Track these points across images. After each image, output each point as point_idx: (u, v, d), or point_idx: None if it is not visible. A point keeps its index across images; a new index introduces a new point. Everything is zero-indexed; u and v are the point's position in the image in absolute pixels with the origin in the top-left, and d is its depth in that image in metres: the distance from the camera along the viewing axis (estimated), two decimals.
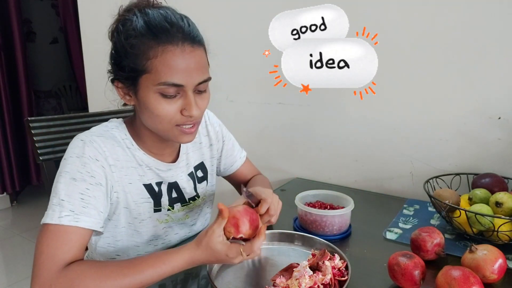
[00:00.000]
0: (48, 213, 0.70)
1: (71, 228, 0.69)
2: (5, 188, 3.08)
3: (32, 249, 2.43)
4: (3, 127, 3.01)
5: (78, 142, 0.76)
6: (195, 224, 0.99)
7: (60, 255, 0.67)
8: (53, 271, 0.66)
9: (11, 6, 3.00)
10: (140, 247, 0.88)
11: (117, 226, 0.84)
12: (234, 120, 1.62)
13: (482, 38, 1.08)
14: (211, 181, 1.03)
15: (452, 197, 0.93)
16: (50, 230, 0.69)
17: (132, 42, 0.73)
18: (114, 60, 0.78)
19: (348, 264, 0.74)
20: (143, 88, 0.75)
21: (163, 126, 0.77)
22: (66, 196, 0.71)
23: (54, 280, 0.65)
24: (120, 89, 0.80)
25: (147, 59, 0.72)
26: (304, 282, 0.66)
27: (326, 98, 1.38)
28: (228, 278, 0.76)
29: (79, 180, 0.73)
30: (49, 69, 4.36)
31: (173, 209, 0.91)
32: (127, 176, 0.82)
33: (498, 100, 1.09)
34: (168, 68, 0.72)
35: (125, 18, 0.76)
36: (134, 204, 0.83)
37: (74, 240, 0.69)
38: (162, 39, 0.72)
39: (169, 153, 0.91)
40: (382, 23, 1.22)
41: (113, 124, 0.85)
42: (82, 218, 0.70)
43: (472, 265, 0.71)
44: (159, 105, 0.74)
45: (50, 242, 0.68)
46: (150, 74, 0.73)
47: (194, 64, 0.74)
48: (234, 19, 1.52)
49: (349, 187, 1.38)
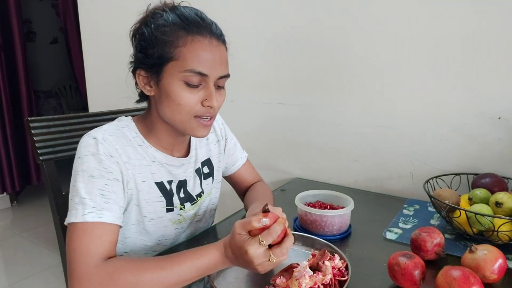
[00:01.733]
0: (72, 212, 0.71)
1: (97, 224, 0.70)
2: (5, 188, 3.08)
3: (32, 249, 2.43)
4: (3, 127, 3.01)
5: (91, 140, 0.77)
6: (201, 221, 0.99)
7: (94, 250, 0.68)
8: (90, 265, 0.67)
9: (11, 6, 3.00)
10: (148, 245, 0.88)
11: (127, 223, 0.85)
12: (234, 120, 1.62)
13: (482, 38, 1.08)
14: (217, 177, 1.03)
15: (452, 197, 0.93)
16: (78, 227, 0.70)
17: (163, 30, 0.76)
18: (140, 48, 0.79)
19: (348, 264, 0.74)
20: (168, 76, 0.77)
21: (182, 117, 0.79)
22: (87, 194, 0.72)
23: (92, 273, 0.66)
24: (142, 77, 0.81)
25: (176, 47, 0.75)
26: (304, 282, 0.66)
27: (326, 98, 1.38)
28: (229, 279, 0.76)
29: (97, 177, 0.73)
30: (49, 69, 4.36)
31: (184, 208, 0.91)
32: (140, 174, 0.83)
33: (498, 100, 1.09)
34: (196, 56, 0.75)
35: (155, 12, 0.80)
36: (145, 203, 0.84)
37: (103, 235, 0.70)
38: (192, 30, 0.76)
39: (179, 149, 0.92)
40: (382, 24, 1.22)
41: (123, 123, 0.86)
42: (105, 213, 0.71)
43: (472, 265, 0.71)
44: (182, 93, 0.76)
45: (81, 239, 0.69)
46: (177, 61, 0.75)
47: (219, 58, 0.79)
48: (234, 19, 1.52)
49: (349, 187, 1.38)
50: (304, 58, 1.40)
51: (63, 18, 3.63)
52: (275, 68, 1.47)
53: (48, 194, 1.01)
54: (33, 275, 2.19)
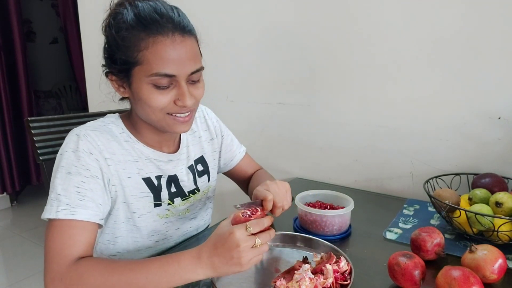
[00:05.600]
0: (47, 208, 0.72)
1: (72, 223, 0.70)
2: (5, 188, 3.08)
3: (32, 249, 2.43)
4: (3, 127, 3.01)
5: (73, 136, 0.77)
6: (196, 218, 0.99)
7: (67, 250, 0.69)
8: (62, 266, 0.67)
9: (11, 6, 3.00)
10: (140, 242, 0.88)
11: (116, 222, 0.84)
12: (234, 120, 1.62)
13: (482, 38, 1.08)
14: (213, 175, 1.03)
15: (452, 197, 0.93)
16: (54, 225, 0.71)
17: (123, 35, 0.74)
18: (107, 54, 0.79)
19: (352, 268, 0.73)
20: (136, 80, 0.76)
21: (156, 116, 0.78)
22: (62, 190, 0.72)
23: (64, 274, 0.67)
24: (114, 81, 0.81)
25: (139, 51, 0.73)
26: (304, 285, 0.65)
27: (326, 98, 1.38)
28: (230, 280, 0.76)
29: (74, 174, 0.73)
30: (49, 69, 4.36)
31: (173, 204, 0.91)
32: (125, 170, 0.82)
33: (498, 100, 1.09)
34: (159, 59, 0.73)
35: (116, 11, 0.77)
36: (132, 198, 0.83)
37: (77, 235, 0.70)
38: (152, 30, 0.73)
39: (167, 145, 0.91)
40: (382, 24, 1.22)
41: (110, 119, 0.86)
42: (78, 210, 0.71)
43: (472, 265, 0.71)
44: (152, 96, 0.75)
45: (56, 237, 0.70)
46: (142, 66, 0.74)
47: (185, 54, 0.75)
48: (235, 19, 1.52)
49: (349, 187, 1.38)
50: (304, 58, 1.40)
51: (63, 18, 3.63)
52: (275, 68, 1.47)
53: (48, 194, 1.01)
54: (33, 275, 2.19)
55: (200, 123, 1.03)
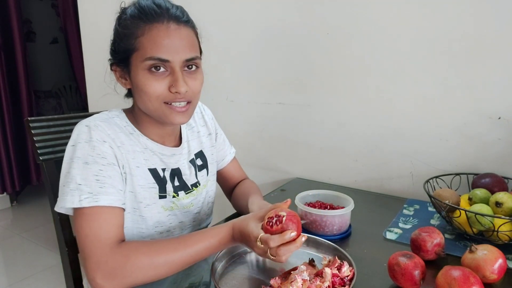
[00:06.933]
0: (67, 198, 0.73)
1: (99, 209, 0.73)
2: (5, 188, 3.08)
3: (32, 249, 2.42)
4: (3, 127, 3.01)
5: (83, 127, 0.79)
6: (199, 213, 1.00)
7: (105, 234, 0.71)
8: (105, 249, 0.69)
9: (11, 6, 3.00)
10: (145, 233, 0.89)
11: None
12: (234, 120, 1.62)
13: (482, 38, 1.08)
14: (211, 170, 1.05)
15: (452, 197, 0.93)
16: (84, 213, 0.72)
17: (124, 24, 0.79)
18: (112, 46, 0.84)
19: (355, 274, 0.71)
20: (134, 67, 0.79)
21: (152, 105, 0.80)
22: (82, 180, 0.74)
23: (109, 256, 0.69)
24: (117, 72, 0.84)
25: (136, 38, 0.77)
26: (295, 286, 0.65)
27: (326, 98, 1.38)
28: (232, 280, 0.76)
29: (91, 163, 0.75)
30: (49, 69, 4.36)
31: (178, 196, 0.92)
32: (134, 160, 0.84)
33: (498, 100, 1.09)
34: (154, 43, 0.76)
35: (123, 9, 0.83)
36: (139, 188, 0.85)
37: (110, 218, 0.73)
38: (149, 18, 0.77)
39: (169, 140, 0.93)
40: (383, 24, 1.22)
41: (113, 113, 0.88)
42: (101, 197, 0.73)
43: (472, 265, 0.72)
44: (147, 82, 0.78)
45: (91, 223, 0.72)
46: (139, 51, 0.77)
47: (179, 41, 0.78)
48: (235, 19, 1.52)
49: (349, 187, 1.38)
50: (304, 58, 1.40)
51: (63, 18, 3.63)
52: (275, 68, 1.47)
53: (48, 194, 1.01)
54: (33, 275, 2.19)
55: (198, 119, 1.05)
